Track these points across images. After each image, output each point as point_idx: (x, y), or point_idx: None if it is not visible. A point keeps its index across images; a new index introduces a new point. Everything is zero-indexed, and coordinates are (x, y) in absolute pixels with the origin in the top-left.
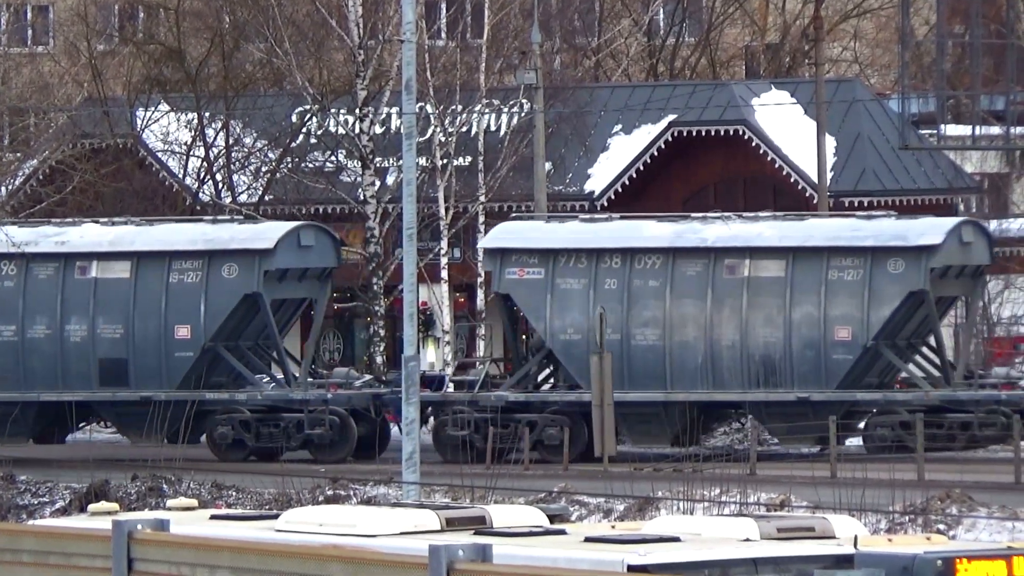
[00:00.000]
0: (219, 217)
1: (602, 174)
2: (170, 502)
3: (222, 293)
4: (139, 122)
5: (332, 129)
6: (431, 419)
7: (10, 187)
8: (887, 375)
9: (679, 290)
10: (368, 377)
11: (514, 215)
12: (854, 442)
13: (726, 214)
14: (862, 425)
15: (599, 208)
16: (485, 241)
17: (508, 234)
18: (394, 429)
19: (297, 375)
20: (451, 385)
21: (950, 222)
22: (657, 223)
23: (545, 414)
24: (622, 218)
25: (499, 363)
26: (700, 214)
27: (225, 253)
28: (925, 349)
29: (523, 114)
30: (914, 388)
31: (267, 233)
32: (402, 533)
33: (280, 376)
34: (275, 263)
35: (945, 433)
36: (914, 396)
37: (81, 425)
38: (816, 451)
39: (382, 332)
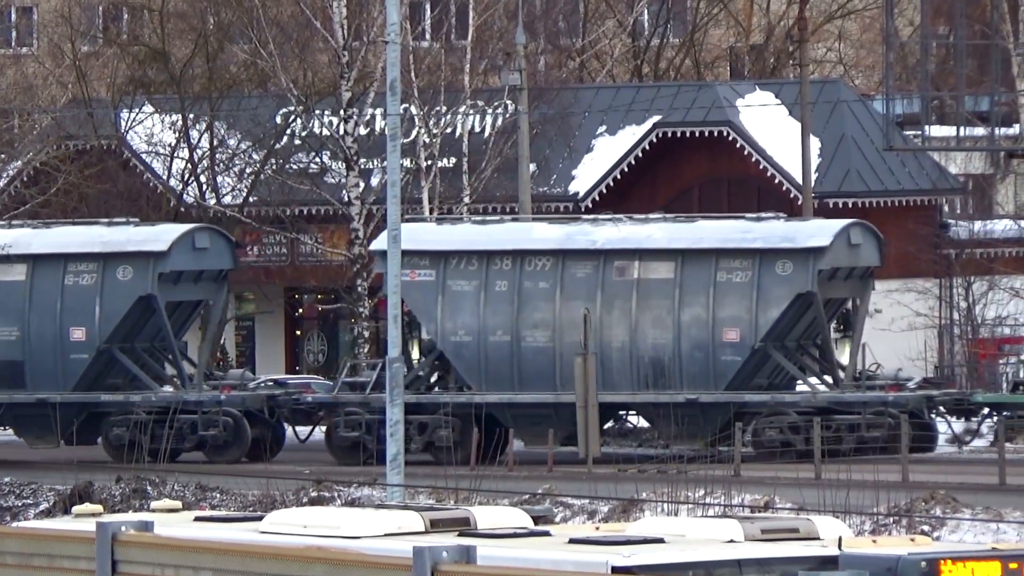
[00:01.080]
0: (115, 220)
1: (587, 175)
2: (154, 504)
3: (117, 295)
4: (123, 123)
5: (316, 130)
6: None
7: None
8: (777, 377)
9: (569, 292)
10: (264, 378)
11: (407, 217)
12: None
13: (616, 216)
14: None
15: (584, 209)
16: (377, 243)
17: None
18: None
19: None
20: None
21: (838, 224)
22: (547, 225)
23: (437, 415)
24: (513, 220)
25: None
26: (591, 216)
27: (120, 255)
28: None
29: (507, 115)
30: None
31: (162, 235)
32: (386, 535)
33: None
34: (169, 265)
35: (833, 435)
36: (802, 398)
37: None
38: (706, 453)
39: (366, 334)
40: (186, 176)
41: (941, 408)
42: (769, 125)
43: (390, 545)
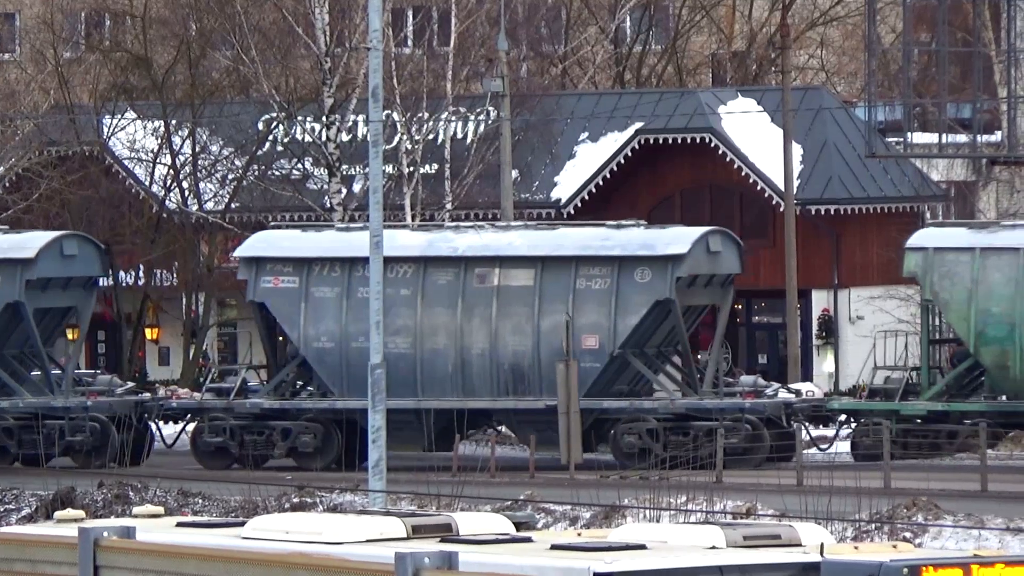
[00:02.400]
0: None
1: (569, 182)
2: (136, 509)
3: None
4: (105, 130)
5: (298, 137)
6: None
7: None
8: (637, 383)
9: (430, 299)
10: (131, 385)
11: (272, 224)
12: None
13: (479, 223)
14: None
15: (566, 216)
16: (241, 250)
17: (263, 243)
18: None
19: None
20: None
21: (697, 232)
22: (410, 232)
23: (300, 421)
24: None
25: (258, 370)
26: (453, 223)
27: None
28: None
29: (490, 122)
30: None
31: (29, 243)
32: (368, 540)
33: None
34: (37, 272)
35: (690, 441)
36: (660, 404)
37: None
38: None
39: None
40: (168, 182)
41: (799, 415)
42: (751, 132)
43: (372, 551)
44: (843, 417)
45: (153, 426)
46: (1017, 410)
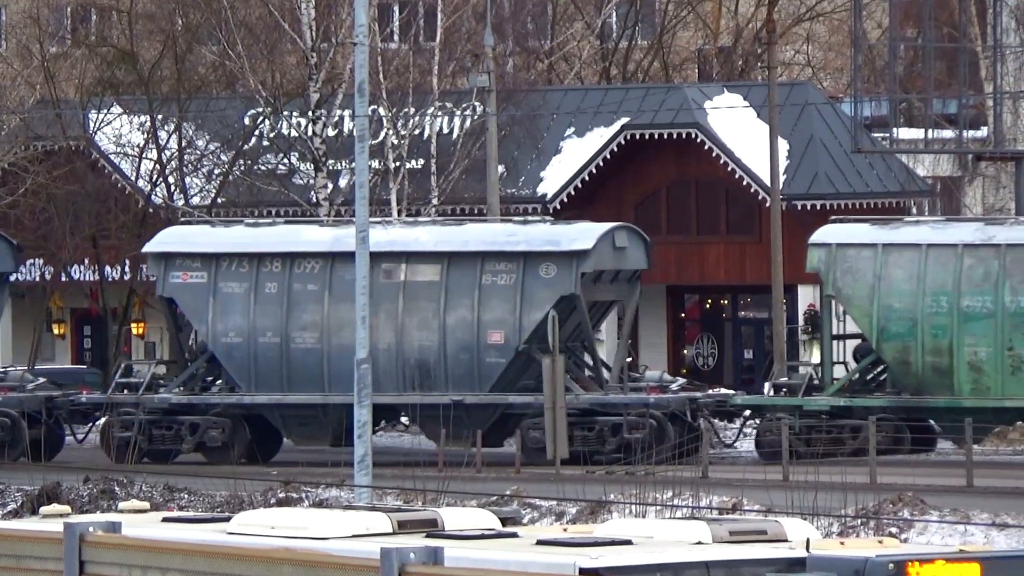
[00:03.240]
0: None
1: (555, 177)
2: (122, 504)
3: None
4: (92, 124)
5: (285, 132)
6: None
7: None
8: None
9: (338, 294)
10: (42, 381)
11: (183, 220)
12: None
13: (386, 219)
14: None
15: (552, 211)
16: (150, 246)
17: (172, 238)
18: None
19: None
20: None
21: (602, 227)
22: (318, 228)
23: (208, 416)
24: (286, 223)
25: (168, 365)
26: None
27: None
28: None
29: (476, 117)
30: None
31: None
32: (354, 536)
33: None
34: None
35: (596, 436)
36: (566, 399)
37: None
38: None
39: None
40: (154, 177)
41: (704, 410)
42: (737, 127)
43: (358, 546)
44: (747, 413)
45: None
46: (919, 405)
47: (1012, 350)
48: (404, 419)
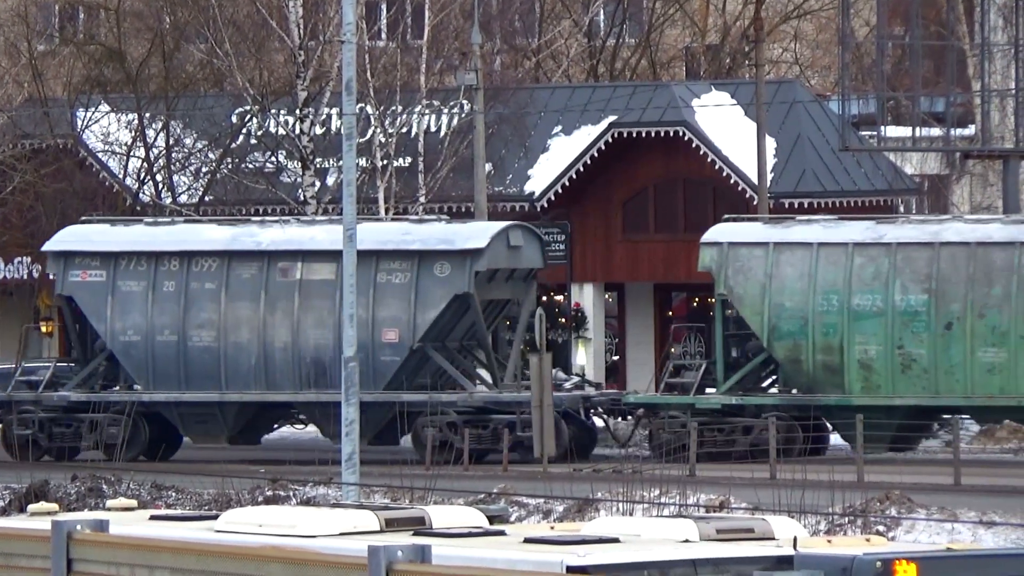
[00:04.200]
0: None
1: (542, 175)
2: (110, 502)
3: None
4: (79, 122)
5: (272, 130)
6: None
7: None
8: (442, 376)
9: (234, 292)
10: None
11: (83, 219)
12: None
13: (284, 218)
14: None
15: (540, 209)
16: (49, 244)
17: (72, 237)
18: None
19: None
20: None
21: (497, 226)
22: (217, 227)
23: (108, 414)
24: (185, 222)
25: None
26: (259, 218)
27: None
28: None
29: (463, 115)
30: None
31: None
32: (341, 534)
33: None
34: None
35: (490, 434)
36: (459, 398)
37: None
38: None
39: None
40: (142, 175)
41: (599, 408)
42: (725, 125)
43: (345, 544)
44: (640, 411)
45: None
46: (810, 403)
47: (902, 348)
48: (302, 417)
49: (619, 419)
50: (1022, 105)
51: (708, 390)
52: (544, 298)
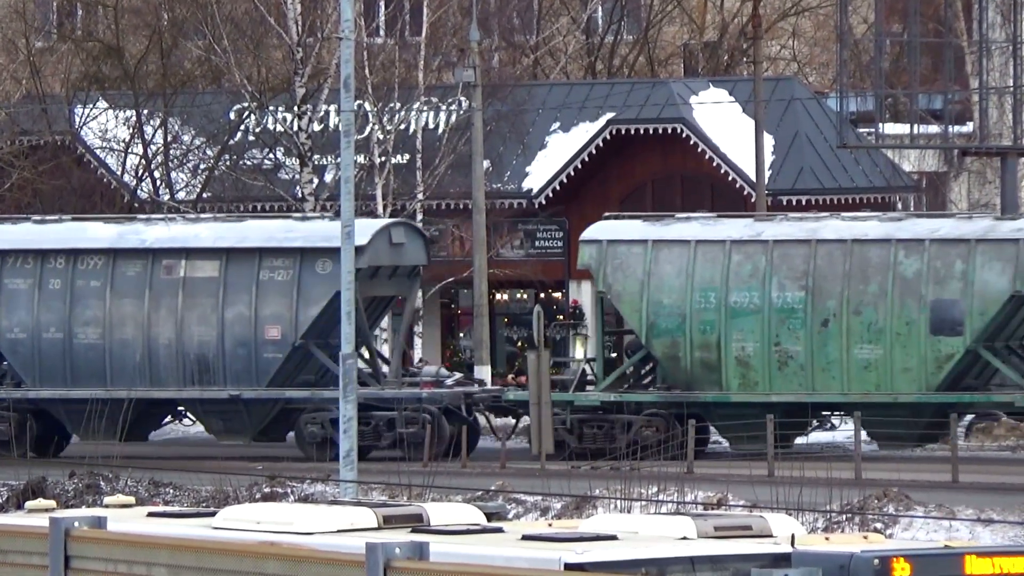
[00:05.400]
0: None
1: (540, 172)
2: (107, 499)
3: None
4: (77, 119)
5: (270, 127)
6: None
7: None
8: (326, 374)
9: (119, 290)
10: None
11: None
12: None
13: (170, 216)
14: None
15: (537, 206)
16: None
17: None
18: None
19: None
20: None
21: (378, 223)
22: (103, 225)
23: None
24: (73, 220)
25: None
26: (145, 216)
27: None
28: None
29: (461, 112)
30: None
31: None
32: (339, 531)
33: None
34: None
35: (372, 431)
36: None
37: None
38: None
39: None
40: (140, 172)
41: (480, 405)
42: (723, 122)
43: (343, 541)
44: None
45: None
46: (688, 400)
47: (779, 345)
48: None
49: (503, 416)
50: (1020, 102)
51: (589, 388)
52: (542, 295)
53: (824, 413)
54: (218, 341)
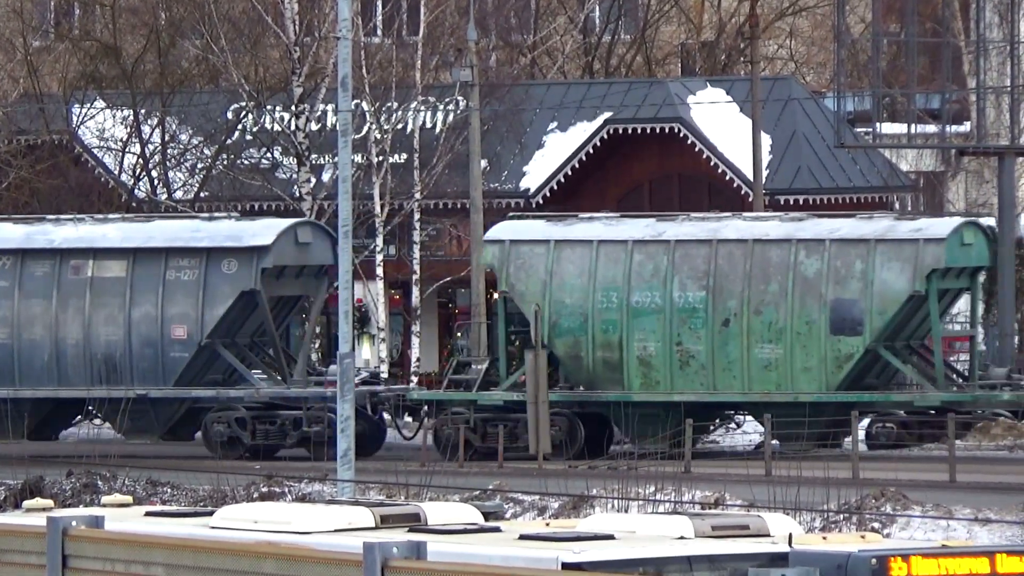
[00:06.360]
0: None
1: (538, 171)
2: (105, 499)
3: None
4: (75, 118)
5: (268, 126)
6: None
7: None
8: (233, 373)
9: (28, 290)
10: None
11: None
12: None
13: (79, 216)
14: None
15: (535, 206)
16: None
17: None
18: None
19: None
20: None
21: (284, 223)
22: (12, 225)
23: None
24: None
25: None
26: (54, 216)
27: None
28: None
29: (459, 111)
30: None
31: None
32: (336, 530)
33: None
34: None
35: (277, 429)
36: (246, 393)
37: None
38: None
39: (318, 329)
40: (137, 171)
41: (386, 404)
42: (720, 122)
43: (340, 541)
44: (426, 407)
45: None
46: (590, 399)
47: (680, 345)
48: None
49: (407, 415)
50: (1017, 102)
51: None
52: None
53: (728, 412)
54: (125, 341)
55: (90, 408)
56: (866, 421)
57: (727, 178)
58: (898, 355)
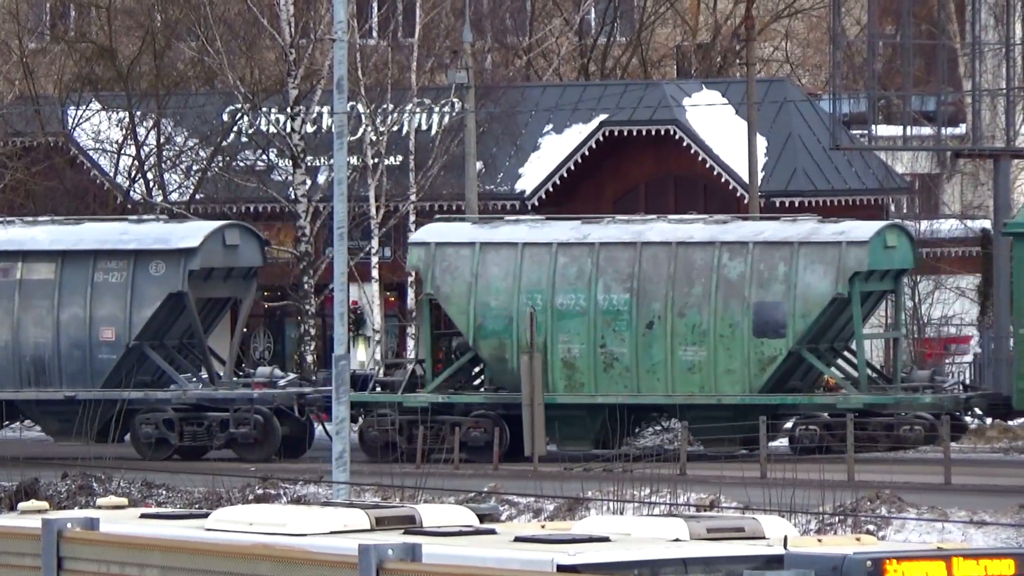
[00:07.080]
0: None
1: (533, 174)
2: (100, 501)
3: None
4: (70, 120)
5: (263, 128)
6: None
7: None
8: (162, 375)
9: None
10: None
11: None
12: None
13: (8, 219)
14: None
15: (530, 208)
16: None
17: None
18: None
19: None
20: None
21: (211, 225)
22: None
23: None
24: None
25: None
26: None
27: None
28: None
29: (454, 113)
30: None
31: None
32: (332, 532)
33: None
34: None
35: (205, 431)
36: (174, 395)
37: None
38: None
39: (313, 331)
40: (133, 173)
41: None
42: (716, 124)
43: (336, 543)
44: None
45: None
46: (515, 402)
47: (604, 347)
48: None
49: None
50: (1013, 104)
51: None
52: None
53: (652, 415)
54: (54, 343)
55: (20, 410)
56: (789, 424)
57: (723, 180)
58: (822, 357)
